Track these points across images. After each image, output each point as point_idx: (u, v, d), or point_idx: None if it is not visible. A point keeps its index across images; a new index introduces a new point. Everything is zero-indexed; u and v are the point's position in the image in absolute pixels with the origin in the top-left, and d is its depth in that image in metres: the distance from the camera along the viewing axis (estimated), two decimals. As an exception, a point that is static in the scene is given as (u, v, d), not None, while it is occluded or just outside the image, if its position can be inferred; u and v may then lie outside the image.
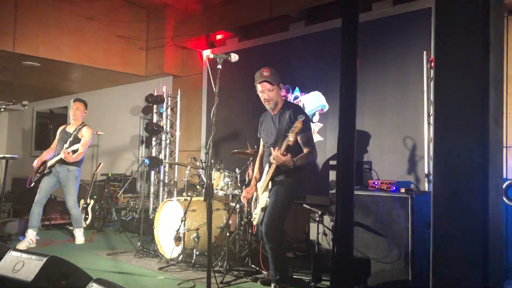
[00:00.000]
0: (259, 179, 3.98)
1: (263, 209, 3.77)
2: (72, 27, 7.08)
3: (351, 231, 1.38)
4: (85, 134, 5.93)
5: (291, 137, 3.43)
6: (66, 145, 5.75)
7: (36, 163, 5.86)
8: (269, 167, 3.71)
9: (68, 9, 6.97)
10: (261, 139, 4.15)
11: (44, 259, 3.20)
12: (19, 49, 6.54)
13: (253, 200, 4.05)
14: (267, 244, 3.71)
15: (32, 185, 5.81)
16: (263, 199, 3.78)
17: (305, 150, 3.74)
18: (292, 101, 5.96)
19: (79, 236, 5.99)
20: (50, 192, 5.93)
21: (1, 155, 5.49)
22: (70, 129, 6.01)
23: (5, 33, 6.37)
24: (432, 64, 4.34)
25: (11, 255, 3.41)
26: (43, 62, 7.20)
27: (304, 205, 4.60)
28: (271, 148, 3.64)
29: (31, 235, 5.61)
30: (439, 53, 1.40)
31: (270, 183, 3.75)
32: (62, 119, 10.09)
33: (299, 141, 3.72)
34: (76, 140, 5.85)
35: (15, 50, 6.50)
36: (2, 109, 5.42)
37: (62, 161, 5.72)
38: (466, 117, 1.32)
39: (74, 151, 5.68)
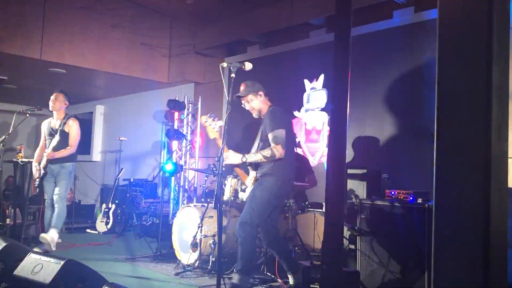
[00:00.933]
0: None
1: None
2: (97, 35, 7.25)
3: (340, 243, 1.37)
4: (72, 128, 5.58)
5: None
6: (53, 144, 5.41)
7: (35, 170, 5.58)
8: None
9: (93, 17, 7.14)
10: None
11: (62, 262, 3.28)
12: (46, 57, 6.72)
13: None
14: (237, 235, 3.89)
15: (37, 191, 5.59)
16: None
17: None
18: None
19: (49, 235, 5.29)
20: None
21: (26, 160, 5.63)
22: (55, 123, 5.64)
23: (33, 41, 6.56)
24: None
25: (31, 257, 3.50)
26: (68, 69, 7.38)
27: (322, 214, 4.57)
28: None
29: (54, 235, 5.37)
30: (442, 63, 1.39)
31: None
32: (87, 124, 10.30)
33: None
34: (64, 135, 5.52)
35: (42, 57, 6.68)
36: (28, 115, 5.60)
37: (54, 159, 5.48)
38: (469, 126, 1.30)
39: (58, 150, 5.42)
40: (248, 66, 3.15)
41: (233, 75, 3.08)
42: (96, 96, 10.14)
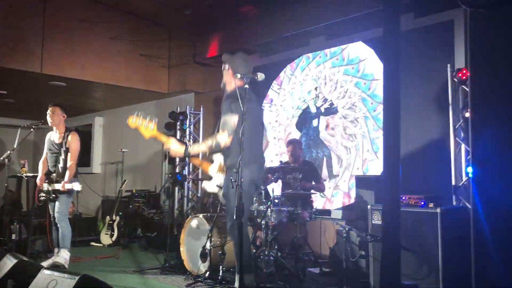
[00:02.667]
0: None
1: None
2: (97, 47, 7.26)
3: (398, 257, 1.38)
4: (72, 143, 5.38)
5: None
6: (60, 165, 5.32)
7: (39, 183, 5.45)
8: None
9: (92, 29, 7.14)
10: None
11: (76, 278, 3.25)
12: (46, 70, 6.71)
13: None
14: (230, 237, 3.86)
15: (42, 202, 5.37)
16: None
17: None
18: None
19: (61, 257, 5.23)
20: None
21: (31, 174, 5.59)
22: (56, 138, 5.49)
23: (33, 55, 6.56)
24: (462, 76, 4.31)
25: (44, 273, 3.47)
26: (68, 82, 7.37)
27: (331, 221, 4.58)
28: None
29: (66, 254, 5.27)
30: (474, 69, 1.41)
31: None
32: (87, 136, 10.27)
33: None
34: (67, 151, 5.36)
35: (43, 71, 6.67)
36: (32, 129, 5.57)
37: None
38: (503, 131, 1.32)
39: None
40: (261, 76, 3.17)
41: (246, 86, 3.09)
42: (95, 108, 10.13)
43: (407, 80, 5.25)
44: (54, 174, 5.33)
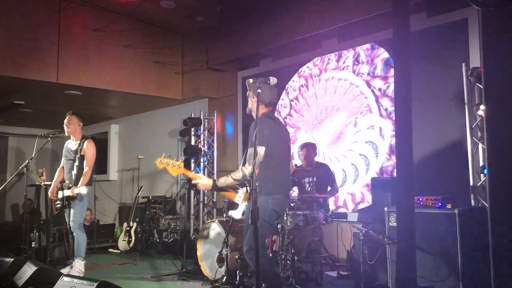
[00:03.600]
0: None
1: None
2: (111, 56, 7.35)
3: (414, 259, 1.37)
4: (87, 151, 5.42)
5: None
6: (74, 171, 5.37)
7: (52, 188, 5.48)
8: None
9: (106, 38, 7.24)
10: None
11: (95, 284, 3.29)
12: (62, 80, 6.81)
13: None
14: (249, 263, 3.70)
15: (58, 210, 5.40)
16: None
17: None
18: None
19: (76, 267, 5.24)
20: None
21: (49, 183, 5.66)
22: (72, 145, 5.54)
23: (49, 65, 6.66)
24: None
25: (64, 280, 3.52)
26: (84, 91, 7.47)
27: (347, 223, 4.55)
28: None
29: (80, 265, 5.30)
30: (487, 66, 1.39)
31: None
32: (103, 144, 10.39)
33: None
34: (82, 159, 5.40)
35: (59, 80, 6.77)
36: (50, 138, 5.66)
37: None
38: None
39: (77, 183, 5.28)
40: (273, 81, 3.17)
41: (259, 90, 3.09)
42: (111, 115, 10.24)
43: (422, 80, 5.21)
44: (67, 182, 5.38)
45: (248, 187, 3.77)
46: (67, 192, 5.20)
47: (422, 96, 5.20)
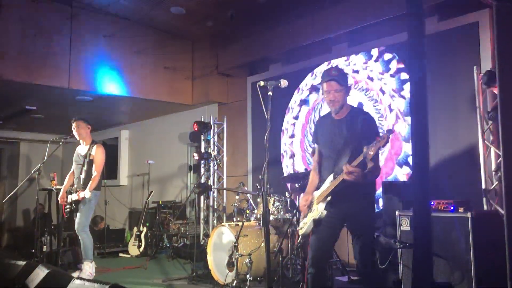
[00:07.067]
0: (318, 187, 3.50)
1: (315, 221, 3.36)
2: (122, 61, 7.41)
3: (430, 252, 1.36)
4: (96, 155, 5.44)
5: (371, 151, 2.93)
6: (82, 176, 5.40)
7: (62, 193, 5.51)
8: (334, 178, 3.23)
9: (117, 44, 7.32)
10: (316, 146, 3.64)
11: (107, 287, 3.29)
12: (74, 85, 6.89)
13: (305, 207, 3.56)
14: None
15: (68, 215, 5.47)
16: (318, 210, 3.33)
17: (369, 165, 3.15)
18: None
19: (86, 270, 5.26)
20: None
21: (60, 187, 5.70)
22: (82, 150, 5.58)
23: (61, 71, 6.74)
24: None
25: (75, 283, 3.53)
26: (95, 96, 7.54)
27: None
28: (344, 164, 3.09)
29: (89, 267, 5.34)
30: (503, 68, 1.39)
31: (329, 196, 3.28)
32: (113, 149, 10.46)
33: None
34: (90, 163, 5.44)
35: (70, 86, 6.84)
36: (61, 143, 5.71)
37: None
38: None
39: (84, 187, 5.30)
40: (284, 83, 3.16)
41: (270, 93, 3.10)
42: (121, 121, 10.31)
43: (433, 84, 5.19)
44: (75, 186, 5.43)
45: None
46: (75, 196, 5.26)
47: (433, 100, 5.17)
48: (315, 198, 3.43)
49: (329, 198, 3.27)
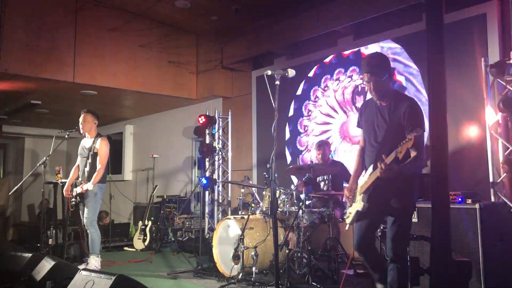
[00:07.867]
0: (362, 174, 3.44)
1: (358, 213, 3.28)
2: (126, 56, 7.40)
3: (449, 234, 1.34)
4: (100, 148, 5.42)
5: (400, 150, 2.84)
6: (86, 169, 5.40)
7: (67, 186, 5.51)
8: (373, 170, 3.16)
9: (122, 38, 7.30)
10: (361, 130, 3.51)
11: (113, 278, 3.29)
12: (78, 79, 6.87)
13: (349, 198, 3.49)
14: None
15: (73, 208, 5.46)
16: (360, 202, 3.27)
17: (412, 154, 3.04)
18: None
19: (92, 264, 5.22)
20: None
21: (65, 180, 5.70)
22: (87, 143, 5.56)
23: (66, 65, 6.73)
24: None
25: (82, 274, 3.53)
26: (99, 90, 7.53)
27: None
28: (379, 162, 2.99)
29: (95, 261, 5.31)
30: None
31: (370, 188, 3.22)
32: (118, 144, 10.46)
33: None
34: (95, 156, 5.42)
35: (75, 80, 6.83)
36: (66, 136, 5.71)
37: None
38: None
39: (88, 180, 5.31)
40: (292, 73, 3.14)
41: (277, 82, 3.08)
42: (126, 116, 10.31)
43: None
44: (80, 179, 5.43)
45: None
46: (79, 189, 5.27)
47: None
48: (359, 187, 3.36)
49: (369, 190, 3.22)
